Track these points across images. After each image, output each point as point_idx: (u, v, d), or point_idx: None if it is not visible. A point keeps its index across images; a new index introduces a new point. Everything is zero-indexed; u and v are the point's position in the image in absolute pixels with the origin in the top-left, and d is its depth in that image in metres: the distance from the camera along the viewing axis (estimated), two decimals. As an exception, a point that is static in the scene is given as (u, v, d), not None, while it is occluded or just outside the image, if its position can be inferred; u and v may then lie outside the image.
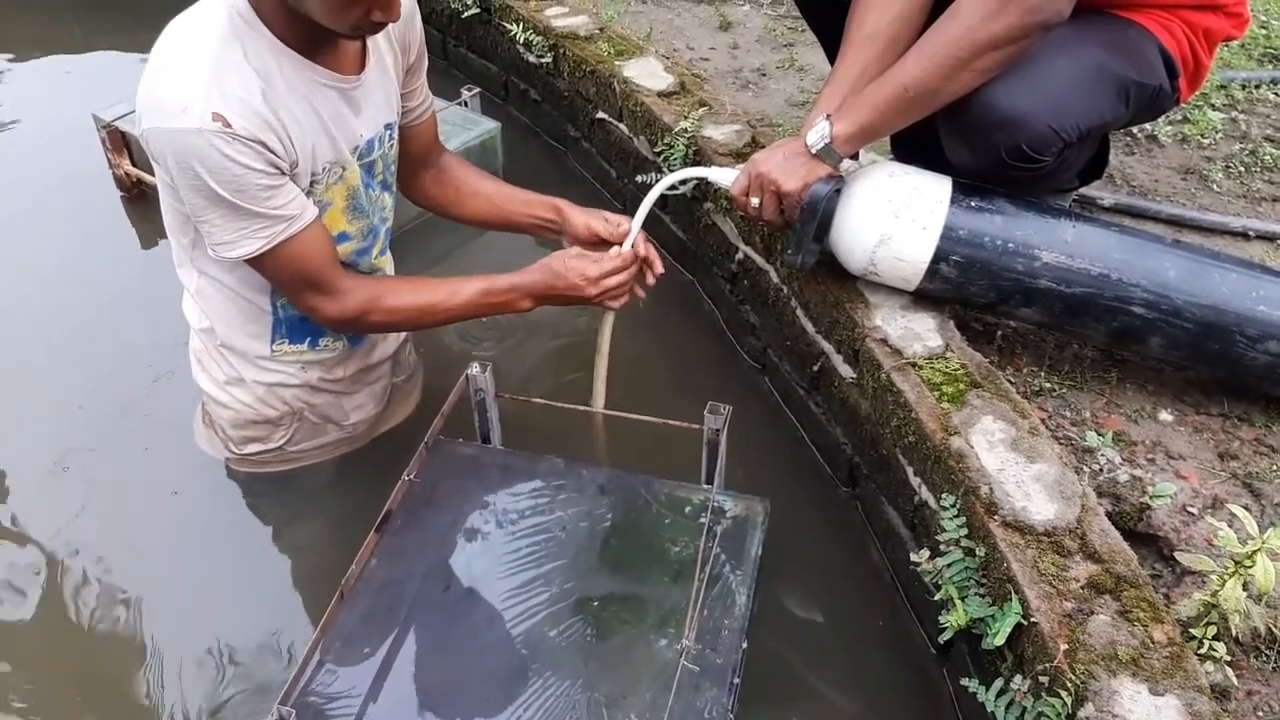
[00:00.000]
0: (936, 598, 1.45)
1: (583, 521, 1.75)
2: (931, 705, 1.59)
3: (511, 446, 1.90)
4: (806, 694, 1.62)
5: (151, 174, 2.57)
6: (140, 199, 2.70)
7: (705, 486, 1.79)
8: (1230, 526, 1.30)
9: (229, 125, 1.36)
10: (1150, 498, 1.51)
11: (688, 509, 1.77)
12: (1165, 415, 1.70)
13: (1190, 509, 1.55)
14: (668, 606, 1.61)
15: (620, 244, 1.74)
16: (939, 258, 1.62)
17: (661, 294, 2.37)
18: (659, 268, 1.78)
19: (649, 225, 1.76)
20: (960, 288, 1.65)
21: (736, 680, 1.52)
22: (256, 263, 1.54)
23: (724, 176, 1.74)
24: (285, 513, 1.91)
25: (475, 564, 1.69)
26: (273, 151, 1.42)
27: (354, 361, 1.89)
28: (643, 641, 1.57)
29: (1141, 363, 1.77)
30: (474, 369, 1.82)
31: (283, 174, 1.47)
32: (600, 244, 1.76)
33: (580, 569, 1.68)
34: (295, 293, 1.62)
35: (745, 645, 1.57)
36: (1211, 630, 1.27)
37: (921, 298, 1.73)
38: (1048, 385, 1.72)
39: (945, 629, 1.41)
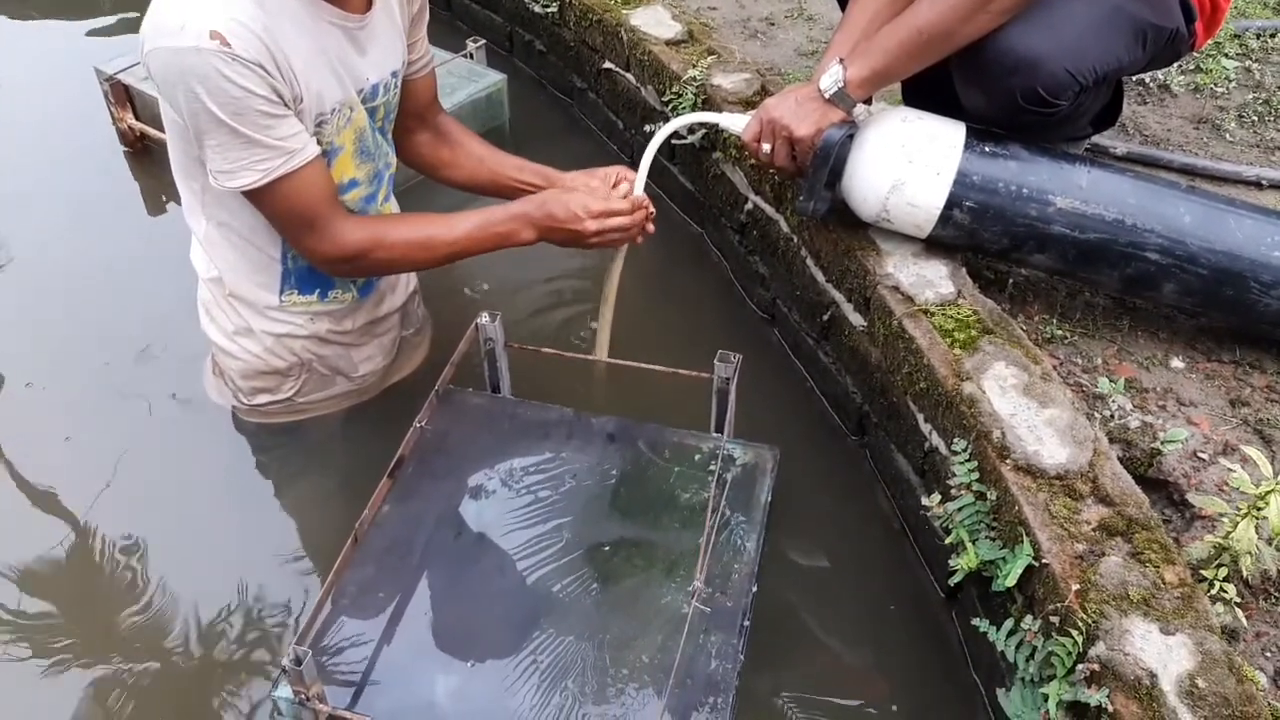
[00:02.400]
0: (947, 541, 1.45)
1: (592, 470, 1.76)
2: (940, 649, 1.61)
3: (520, 397, 1.90)
4: (816, 639, 1.64)
5: (155, 128, 2.57)
6: (144, 153, 2.68)
7: (715, 435, 1.79)
8: (1243, 469, 1.30)
9: (227, 44, 1.34)
10: (1161, 443, 1.50)
11: (697, 457, 1.77)
12: (1177, 362, 1.69)
13: (1201, 455, 1.55)
14: (678, 552, 1.62)
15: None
16: (952, 204, 1.61)
17: (669, 246, 2.38)
18: (650, 228, 1.76)
19: (656, 176, 1.74)
20: (973, 234, 1.64)
21: (746, 623, 1.53)
22: (255, 197, 1.52)
23: (735, 122, 1.73)
24: (295, 463, 1.92)
25: (486, 511, 1.70)
26: (272, 77, 1.40)
27: (363, 313, 1.88)
28: (653, 586, 1.58)
29: (1154, 310, 1.77)
30: (483, 318, 1.81)
31: (284, 105, 1.45)
32: None
33: (590, 516, 1.68)
34: (293, 232, 1.59)
35: (755, 589, 1.58)
36: (1222, 572, 1.28)
37: (934, 245, 1.72)
38: (1059, 333, 1.71)
39: (955, 572, 1.41)
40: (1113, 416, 1.58)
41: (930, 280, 1.67)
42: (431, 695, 1.45)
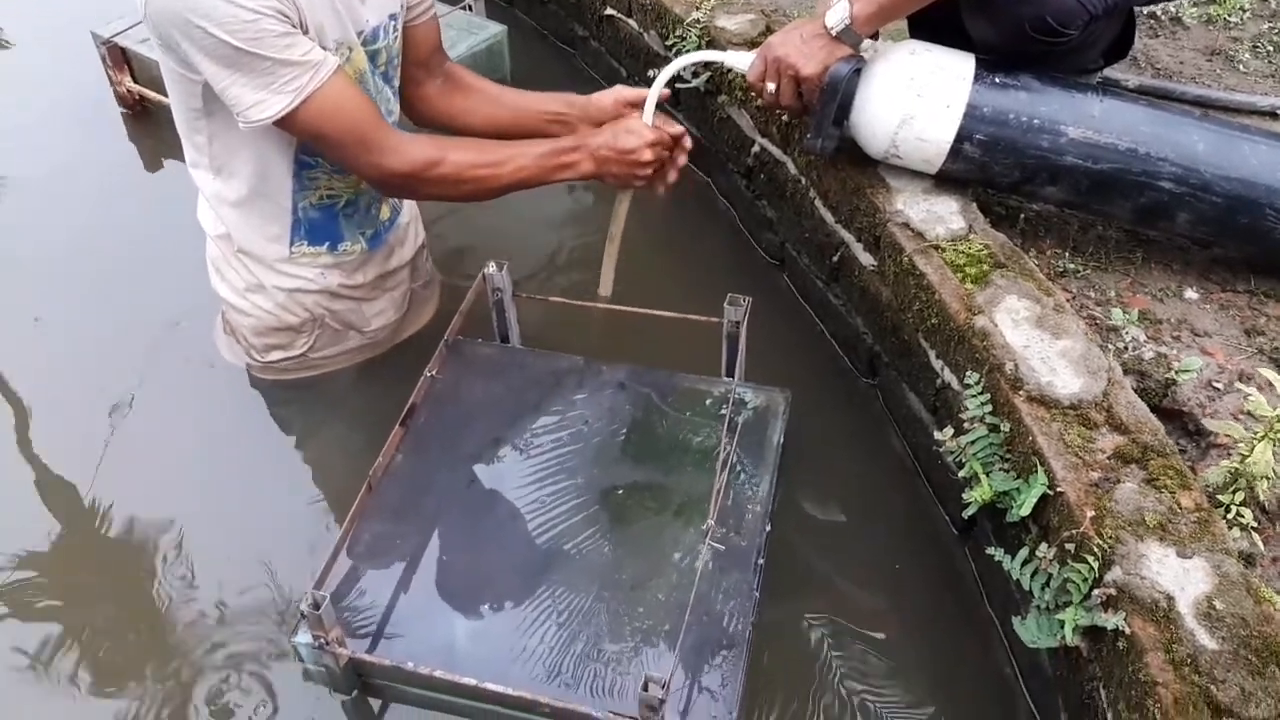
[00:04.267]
0: (960, 475, 1.45)
1: (604, 416, 1.76)
2: (954, 585, 1.61)
3: (529, 347, 1.90)
4: (830, 577, 1.64)
5: (153, 89, 2.55)
6: (144, 115, 2.66)
7: (726, 380, 1.79)
8: (1259, 394, 1.29)
9: None
10: (1176, 373, 1.50)
11: (708, 401, 1.77)
12: (1190, 294, 1.68)
13: (1216, 384, 1.54)
14: (691, 495, 1.62)
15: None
16: (962, 137, 1.58)
17: (675, 195, 2.35)
18: (688, 143, 1.72)
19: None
20: (984, 168, 1.62)
21: (761, 562, 1.54)
22: (297, 125, 1.47)
23: (740, 60, 1.70)
24: (310, 419, 1.91)
25: (498, 459, 1.70)
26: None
27: (373, 266, 1.87)
28: (667, 528, 1.59)
29: (1167, 242, 1.75)
30: (490, 267, 1.80)
31: (294, 26, 1.42)
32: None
33: (603, 461, 1.69)
34: (350, 152, 1.54)
35: (769, 529, 1.59)
36: (1239, 497, 1.27)
37: (944, 181, 1.70)
38: (1072, 267, 1.70)
39: (969, 505, 1.41)
40: (1126, 348, 1.57)
41: (941, 216, 1.65)
42: (450, 639, 1.46)
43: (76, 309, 2.14)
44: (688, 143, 1.69)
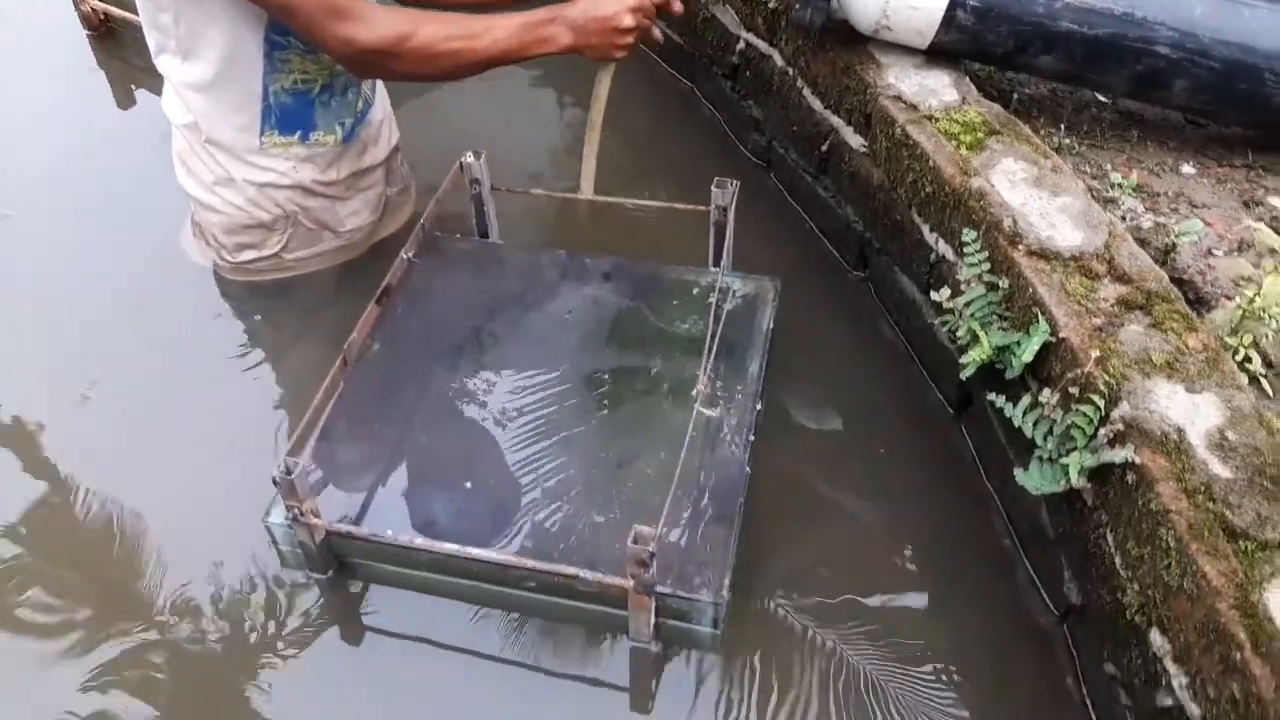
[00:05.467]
0: (959, 339, 1.40)
1: (588, 306, 1.70)
2: (953, 464, 1.57)
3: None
4: (824, 460, 1.59)
5: (118, 7, 2.47)
6: (109, 36, 2.58)
7: (713, 269, 1.74)
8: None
9: None
10: (1176, 237, 1.46)
11: (695, 291, 1.71)
12: (1187, 169, 1.64)
13: (1215, 252, 1.50)
14: (679, 378, 1.57)
15: None
16: (956, 4, 1.54)
17: (657, 106, 2.31)
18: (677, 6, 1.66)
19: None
20: (977, 37, 1.57)
21: (752, 438, 1.49)
22: None
23: None
24: (287, 328, 1.82)
25: (479, 347, 1.65)
26: None
27: (346, 162, 1.80)
28: (655, 409, 1.54)
29: (1162, 121, 1.71)
30: (468, 157, 1.74)
31: None
32: None
33: (588, 348, 1.63)
34: (319, 25, 1.48)
35: (759, 408, 1.54)
36: (1247, 339, 1.23)
37: (935, 55, 1.65)
38: (1066, 143, 1.66)
39: (967, 366, 1.37)
40: (1124, 218, 1.53)
41: (933, 89, 1.61)
42: (430, 518, 1.41)
43: (41, 222, 2.05)
44: (677, 6, 1.62)
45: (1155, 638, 1.10)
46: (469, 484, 1.45)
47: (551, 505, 1.42)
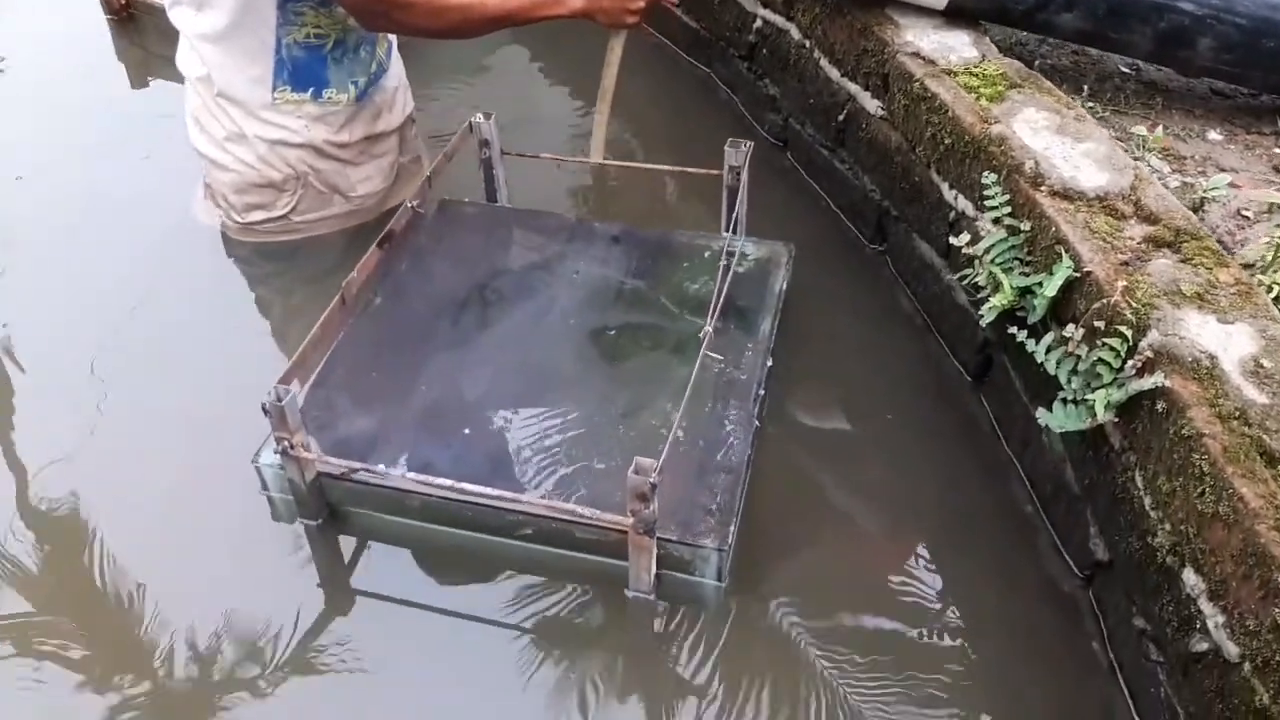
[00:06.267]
0: (980, 290, 1.35)
1: (596, 266, 1.66)
2: (970, 432, 1.51)
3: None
4: (844, 434, 1.53)
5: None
6: (129, 22, 2.59)
7: (726, 234, 1.70)
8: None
9: None
10: (1204, 192, 1.41)
11: (707, 254, 1.67)
12: (1214, 135, 1.59)
13: (1245, 214, 1.45)
14: (686, 334, 1.52)
15: None
16: (974, -42, 1.52)
17: (676, 93, 2.29)
18: None
19: (660, 24, 1.61)
20: (997, -6, 1.55)
21: (762, 392, 1.44)
22: None
23: None
24: (296, 294, 1.77)
25: (484, 301, 1.61)
26: None
27: (360, 125, 1.79)
28: (660, 363, 1.49)
29: (1188, 91, 1.67)
30: (478, 118, 1.72)
31: None
32: None
33: (594, 304, 1.59)
34: None
35: (770, 364, 1.49)
36: (1280, 277, 1.18)
37: (954, 17, 1.62)
38: (1090, 106, 1.62)
39: (988, 314, 1.31)
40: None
41: (952, 46, 1.58)
42: (428, 464, 1.35)
43: (58, 198, 2.03)
44: None
45: (1189, 577, 1.03)
46: (469, 431, 1.40)
47: (553, 453, 1.36)
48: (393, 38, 1.85)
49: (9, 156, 2.13)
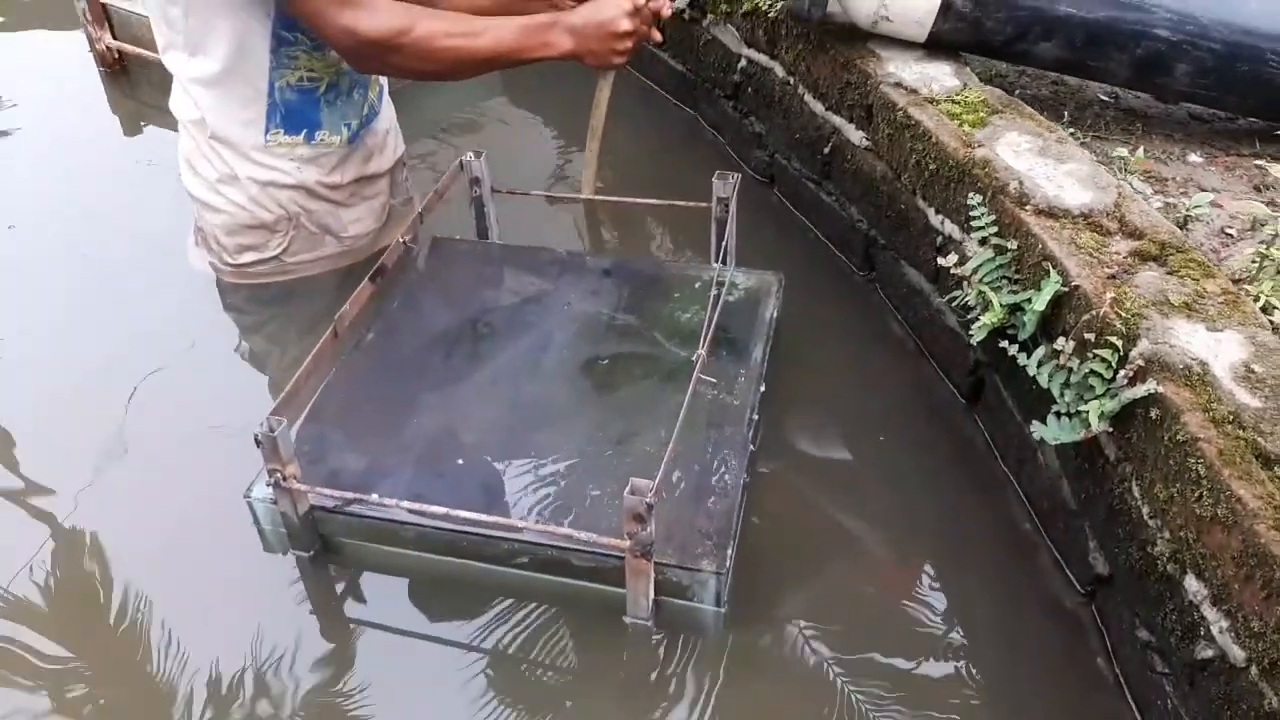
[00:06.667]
0: (969, 310, 1.36)
1: (587, 298, 1.67)
2: (966, 453, 1.51)
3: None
4: (839, 458, 1.53)
5: (133, 45, 2.53)
6: (122, 74, 2.63)
7: (715, 265, 1.71)
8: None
9: None
10: (1188, 211, 1.43)
11: (697, 285, 1.68)
12: (1194, 157, 1.62)
13: (1229, 231, 1.47)
14: (678, 363, 1.52)
15: None
16: (953, -10, 1.55)
17: (662, 134, 2.32)
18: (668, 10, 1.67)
19: (646, 67, 1.64)
20: (976, 25, 1.58)
21: (755, 417, 1.43)
22: None
23: None
24: (288, 337, 1.77)
25: (476, 336, 1.61)
26: None
27: (351, 167, 1.80)
28: (654, 391, 1.49)
29: (1167, 116, 1.70)
30: (469, 156, 1.74)
31: None
32: None
33: (586, 335, 1.59)
34: (326, 10, 1.49)
35: (762, 389, 1.49)
36: (1268, 286, 1.19)
37: (935, 48, 1.66)
38: (1071, 132, 1.64)
39: (978, 333, 1.32)
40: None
41: (934, 76, 1.61)
42: (420, 492, 1.34)
43: (54, 250, 2.03)
44: (666, 9, 1.64)
45: (1190, 584, 1.02)
46: (461, 463, 1.40)
47: (548, 482, 1.36)
48: (384, 81, 1.87)
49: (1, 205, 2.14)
